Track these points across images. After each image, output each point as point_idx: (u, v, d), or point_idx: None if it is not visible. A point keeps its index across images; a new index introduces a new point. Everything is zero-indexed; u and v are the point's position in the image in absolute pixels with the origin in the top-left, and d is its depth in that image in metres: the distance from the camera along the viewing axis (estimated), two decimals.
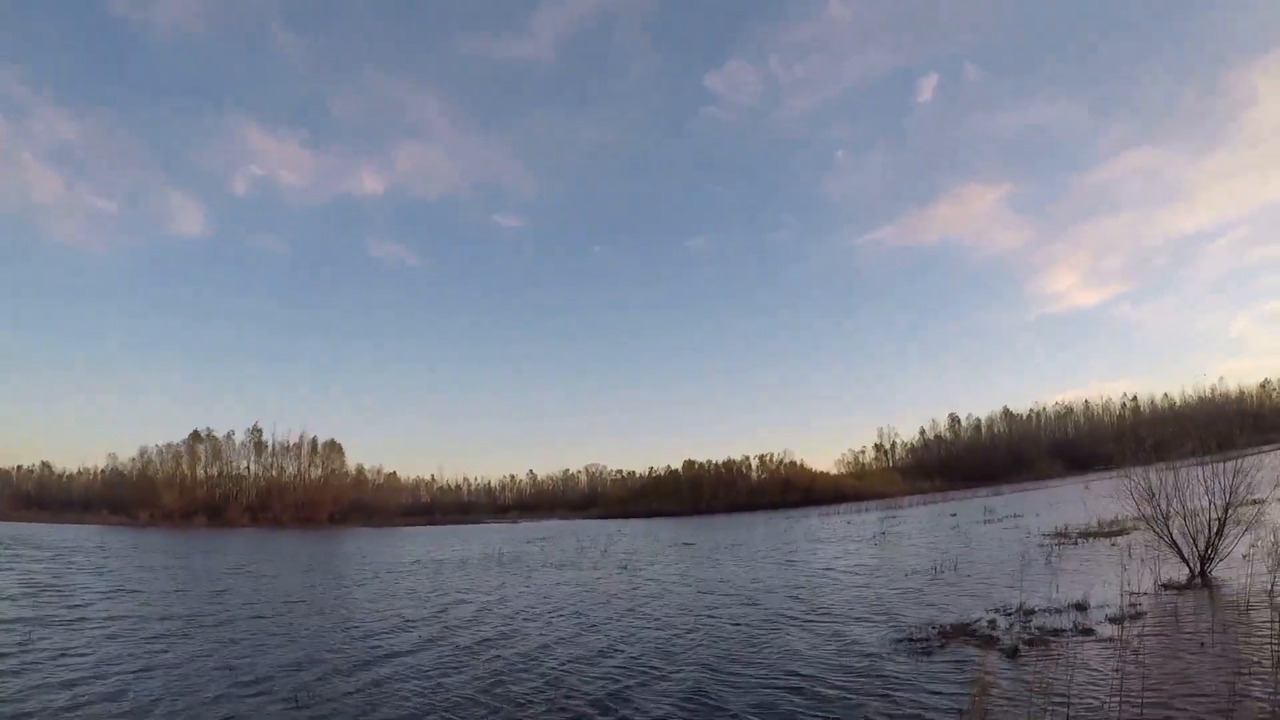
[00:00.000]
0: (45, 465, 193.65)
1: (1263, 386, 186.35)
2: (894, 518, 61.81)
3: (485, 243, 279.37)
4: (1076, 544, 27.35)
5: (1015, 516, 45.33)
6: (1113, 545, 25.68)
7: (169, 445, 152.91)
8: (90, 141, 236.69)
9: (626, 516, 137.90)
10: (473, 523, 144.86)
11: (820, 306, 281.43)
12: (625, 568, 33.92)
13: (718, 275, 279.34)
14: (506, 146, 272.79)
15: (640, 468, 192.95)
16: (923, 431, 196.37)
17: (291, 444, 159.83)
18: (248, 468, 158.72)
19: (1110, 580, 18.48)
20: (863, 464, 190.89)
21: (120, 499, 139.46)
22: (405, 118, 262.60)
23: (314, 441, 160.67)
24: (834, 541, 40.20)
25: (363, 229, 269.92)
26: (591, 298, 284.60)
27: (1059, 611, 15.34)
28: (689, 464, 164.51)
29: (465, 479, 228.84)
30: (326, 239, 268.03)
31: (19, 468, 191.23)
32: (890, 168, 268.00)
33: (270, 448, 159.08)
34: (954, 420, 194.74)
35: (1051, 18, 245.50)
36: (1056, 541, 28.87)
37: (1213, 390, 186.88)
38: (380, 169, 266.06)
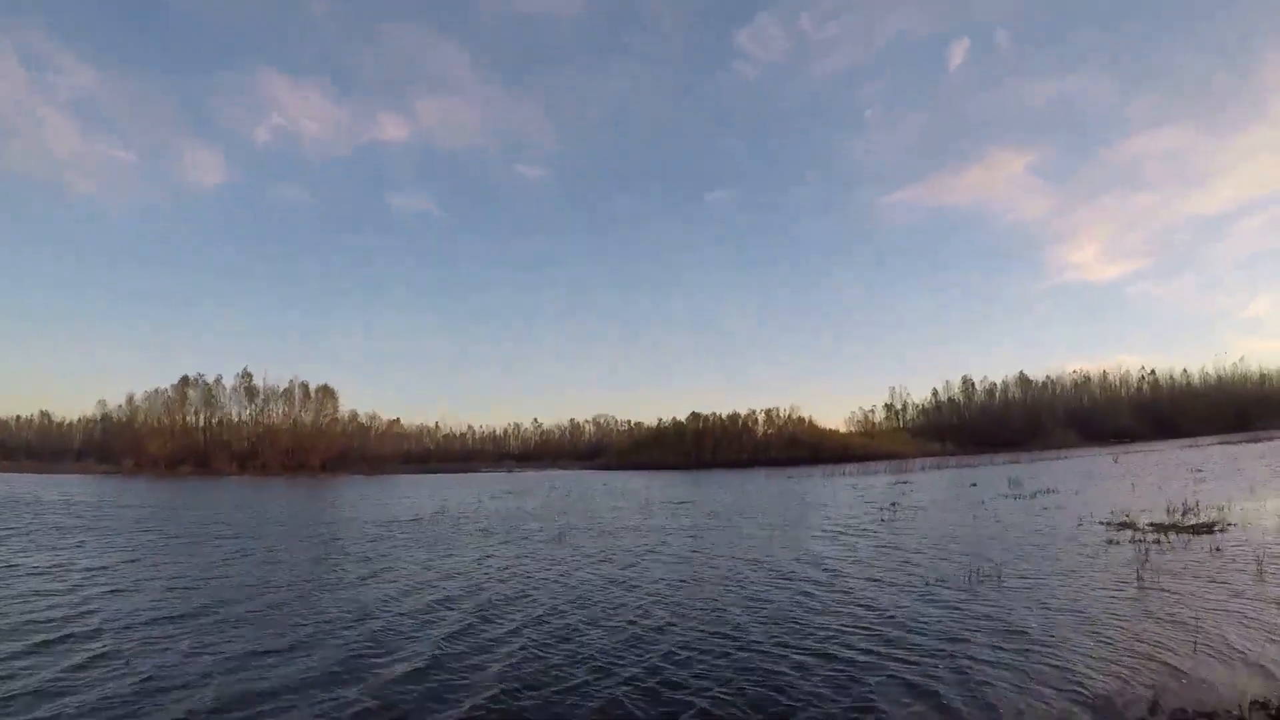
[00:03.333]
0: (44, 414, 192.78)
1: None
2: (906, 483, 54.28)
3: (507, 194, 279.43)
4: (1158, 542, 19.64)
5: (1049, 492, 37.44)
6: (1216, 551, 18.04)
7: (157, 391, 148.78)
8: (110, 94, 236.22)
9: (629, 468, 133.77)
10: (470, 471, 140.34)
11: (839, 264, 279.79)
12: (560, 539, 26.92)
13: (737, 230, 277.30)
14: (530, 98, 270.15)
15: (650, 419, 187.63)
16: (935, 393, 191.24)
17: (282, 389, 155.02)
18: (238, 414, 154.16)
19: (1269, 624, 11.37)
20: (873, 423, 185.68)
21: (109, 447, 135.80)
22: (429, 69, 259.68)
23: (305, 386, 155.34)
24: (835, 515, 32.61)
25: (384, 179, 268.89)
26: (610, 249, 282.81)
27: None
28: (694, 416, 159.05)
29: (469, 427, 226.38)
30: (347, 189, 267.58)
31: (18, 418, 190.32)
32: (918, 130, 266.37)
33: (261, 393, 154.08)
34: (967, 383, 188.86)
35: None
36: (1126, 535, 21.26)
37: (1233, 369, 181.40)
38: (403, 120, 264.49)
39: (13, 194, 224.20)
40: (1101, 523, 24.33)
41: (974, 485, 47.38)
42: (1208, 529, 21.53)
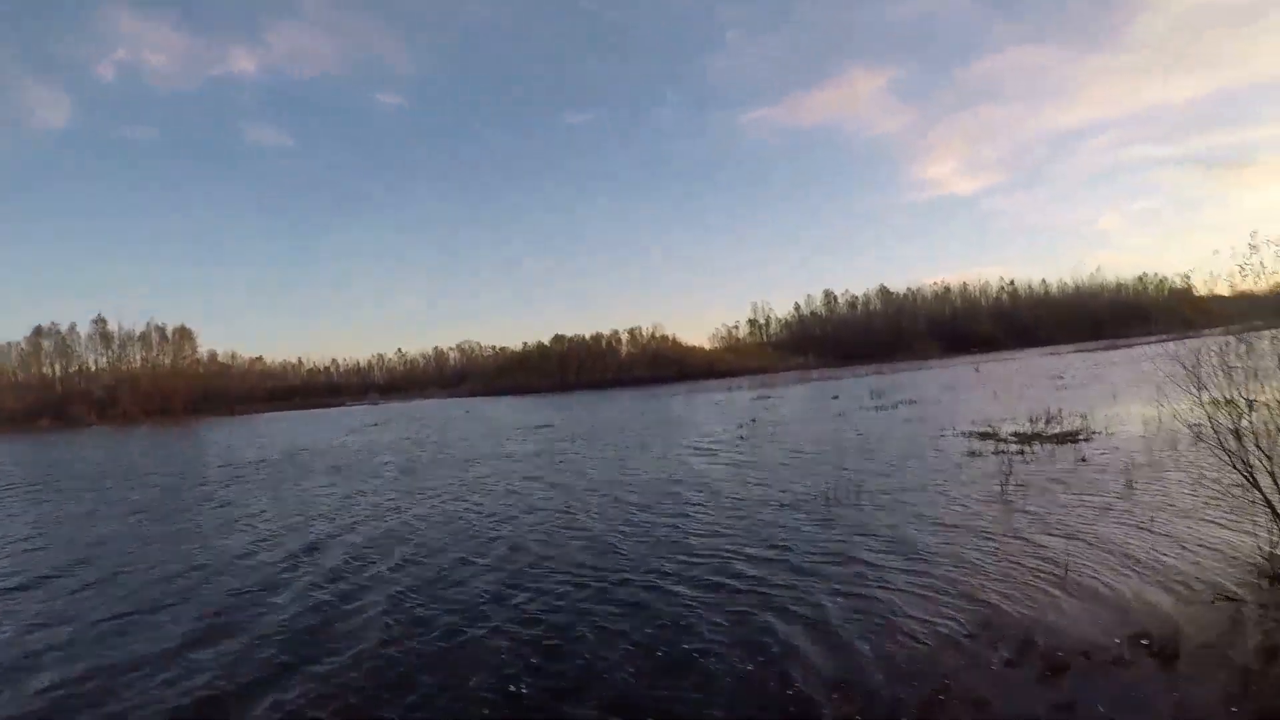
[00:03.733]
0: None
1: (1140, 279, 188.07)
2: (768, 398, 53.35)
3: (364, 123, 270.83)
4: (1021, 453, 18.27)
5: (910, 403, 36.52)
6: (1082, 461, 16.77)
7: (10, 344, 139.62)
8: None
9: (495, 394, 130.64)
10: (336, 406, 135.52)
11: (701, 183, 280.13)
12: (416, 472, 24.76)
13: (599, 151, 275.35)
14: (385, 23, 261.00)
15: (516, 344, 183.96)
16: (797, 307, 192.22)
17: (139, 333, 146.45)
18: (95, 362, 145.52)
19: (1142, 548, 9.89)
20: (737, 339, 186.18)
21: None
22: None
23: (163, 329, 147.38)
24: (695, 433, 30.88)
25: (236, 113, 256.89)
26: (470, 175, 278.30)
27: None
28: (558, 339, 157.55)
29: (334, 361, 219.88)
30: (199, 124, 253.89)
31: None
32: (779, 49, 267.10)
33: (117, 338, 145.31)
34: (829, 297, 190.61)
35: None
36: (989, 446, 19.85)
37: (1090, 280, 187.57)
38: (254, 50, 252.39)
39: None
40: (963, 433, 23.08)
41: (836, 398, 46.39)
42: (1071, 438, 20.36)
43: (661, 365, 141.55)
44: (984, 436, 21.85)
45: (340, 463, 29.44)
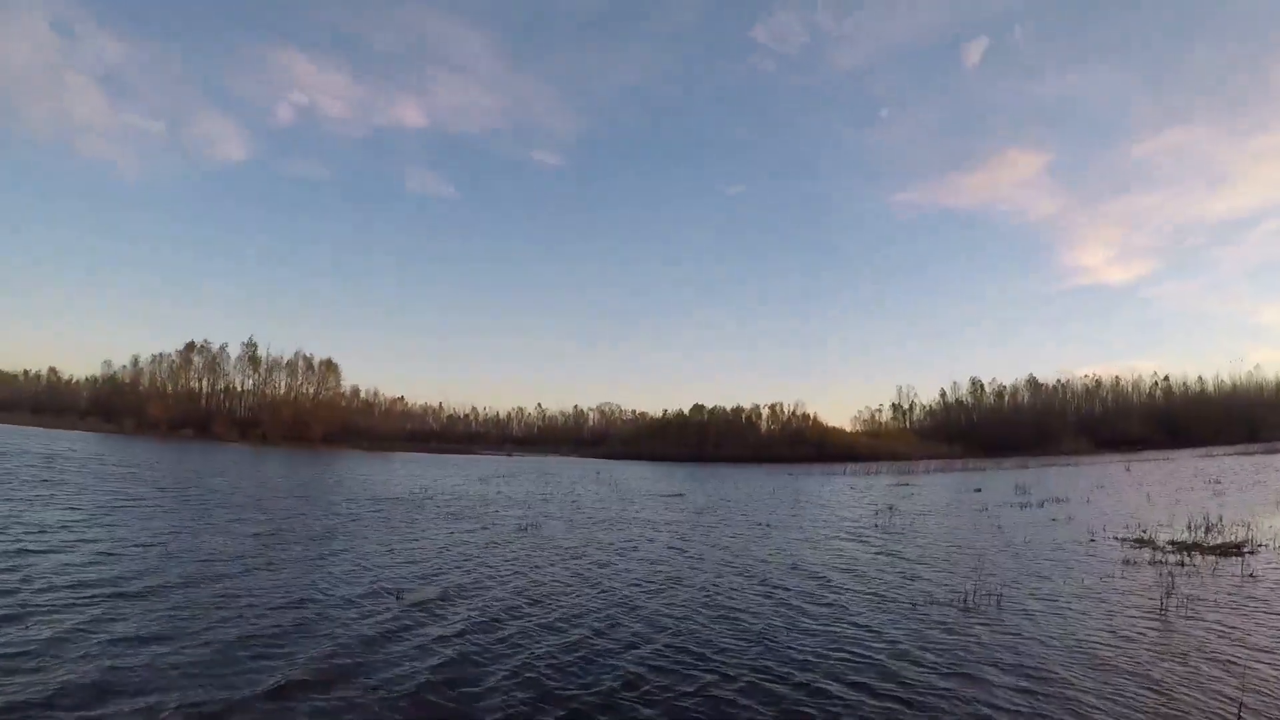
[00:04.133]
0: (53, 371, 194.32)
1: None
2: (906, 486, 51.53)
3: (521, 179, 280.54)
4: (1181, 564, 17.09)
5: (1058, 501, 34.76)
6: (1250, 578, 15.47)
7: (161, 355, 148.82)
8: (136, 65, 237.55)
9: (631, 458, 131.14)
10: (468, 453, 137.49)
11: (850, 260, 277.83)
12: (536, 528, 24.62)
13: (749, 222, 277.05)
14: (546, 84, 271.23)
15: (656, 411, 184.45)
16: (943, 394, 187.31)
17: (286, 361, 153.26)
18: (241, 383, 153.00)
19: None
20: (879, 423, 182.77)
21: (112, 407, 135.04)
22: (447, 52, 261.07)
23: (309, 360, 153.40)
24: (829, 517, 30.33)
25: (401, 160, 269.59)
26: (622, 238, 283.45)
27: None
28: (697, 409, 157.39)
29: (474, 409, 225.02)
30: (365, 168, 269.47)
31: (26, 373, 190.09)
32: (932, 128, 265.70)
33: (265, 363, 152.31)
34: (976, 385, 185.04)
35: None
36: (1145, 554, 18.69)
37: (1247, 378, 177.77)
38: (420, 102, 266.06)
39: (34, 158, 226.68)
40: (1116, 538, 21.77)
41: (978, 491, 44.62)
42: (1235, 549, 19.00)
43: (800, 444, 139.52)
44: (1139, 543, 20.58)
45: (466, 510, 29.87)
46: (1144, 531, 22.86)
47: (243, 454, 77.75)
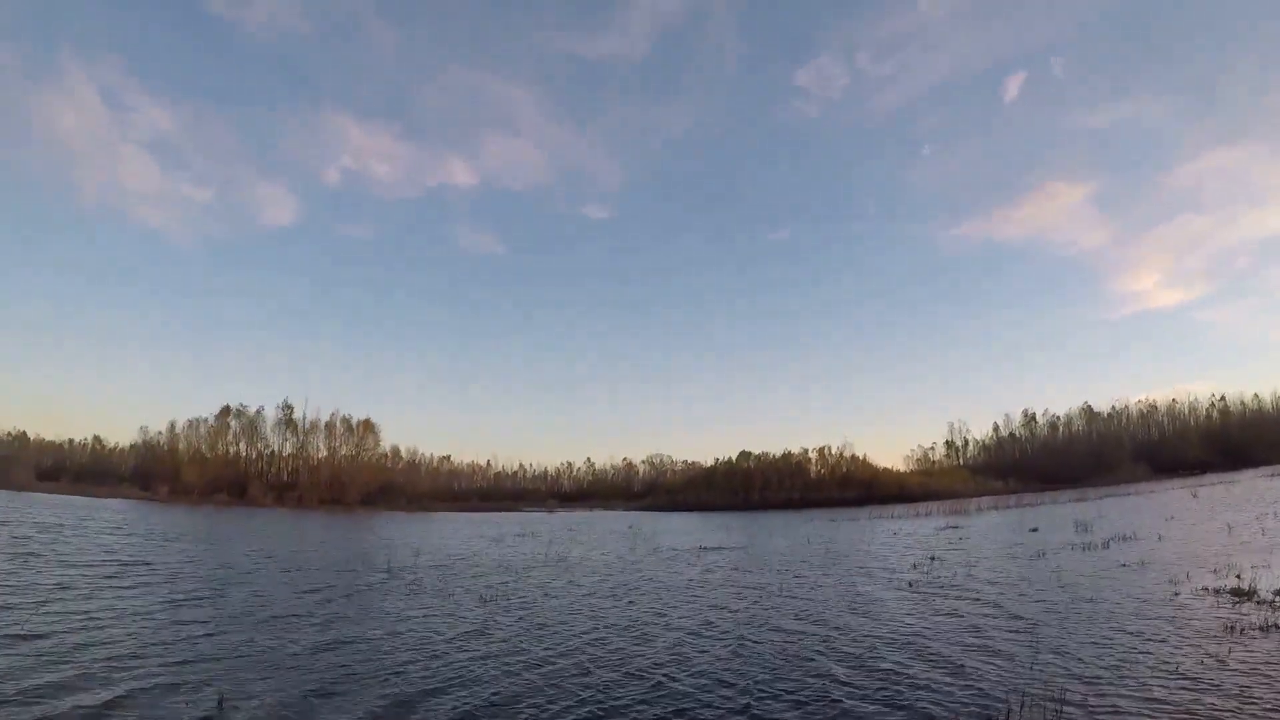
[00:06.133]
0: (97, 439, 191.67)
1: None
2: (955, 528, 46.24)
3: (571, 234, 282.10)
4: None
5: (1125, 540, 29.72)
6: None
7: (197, 420, 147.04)
8: (186, 133, 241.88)
9: (678, 509, 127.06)
10: (512, 510, 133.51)
11: (897, 298, 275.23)
12: (486, 600, 20.03)
13: (797, 266, 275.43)
14: (593, 138, 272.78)
15: (707, 460, 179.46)
16: (996, 428, 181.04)
17: (325, 422, 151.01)
18: (278, 445, 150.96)
19: None
20: (932, 461, 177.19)
21: (149, 473, 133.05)
22: (494, 110, 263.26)
23: (347, 420, 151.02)
24: (858, 573, 25.62)
25: (451, 219, 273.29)
26: (673, 288, 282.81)
27: None
28: (743, 455, 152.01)
29: (521, 465, 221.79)
30: (414, 228, 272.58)
31: (71, 441, 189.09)
32: (975, 163, 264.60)
33: (302, 425, 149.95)
34: (1029, 417, 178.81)
35: (1139, 11, 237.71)
36: (1250, 612, 14.10)
37: None
38: (469, 161, 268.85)
39: (87, 226, 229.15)
40: (1207, 589, 17.03)
41: (1034, 530, 39.32)
42: None
43: (849, 485, 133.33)
44: (1238, 596, 15.86)
45: (439, 579, 24.98)
46: (1239, 578, 18.05)
47: (271, 518, 74.45)
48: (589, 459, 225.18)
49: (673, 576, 26.49)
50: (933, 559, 28.14)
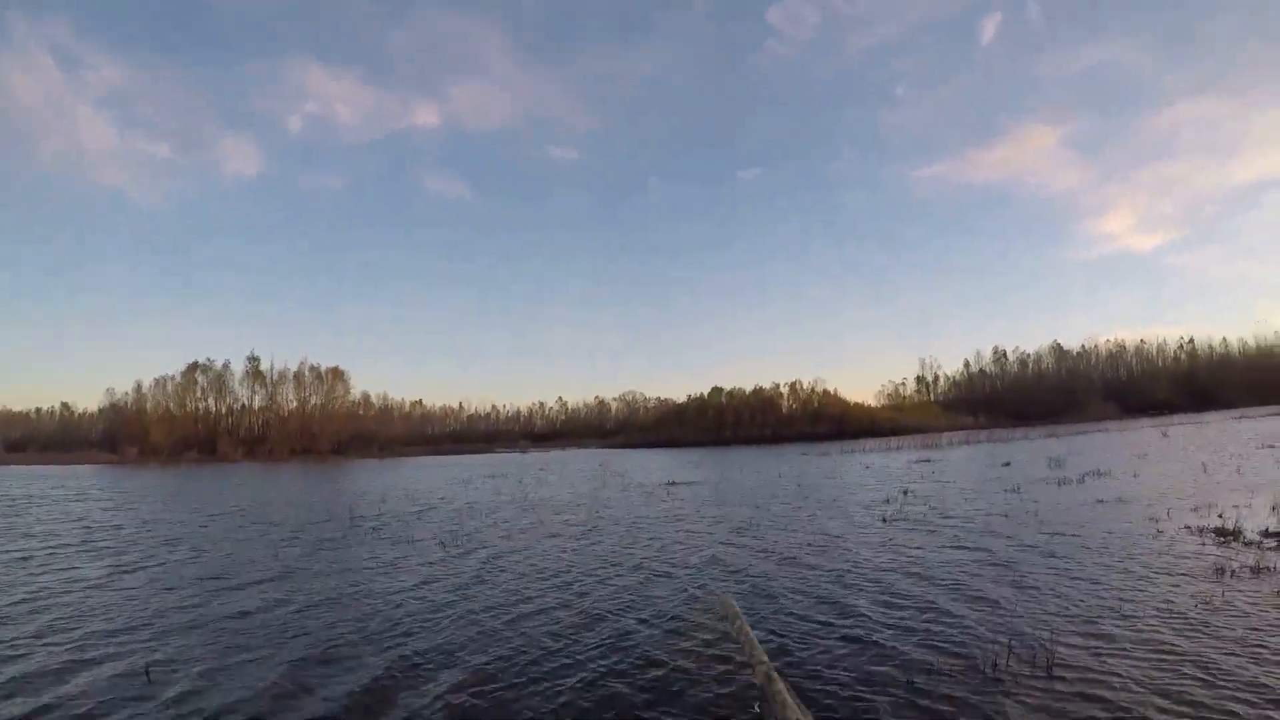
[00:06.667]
0: (65, 406, 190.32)
1: None
2: (927, 462, 46.22)
3: (539, 175, 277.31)
4: None
5: (1100, 476, 29.34)
6: None
7: (164, 378, 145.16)
8: (142, 88, 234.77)
9: (651, 446, 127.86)
10: (485, 452, 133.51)
11: (871, 237, 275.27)
12: (444, 543, 19.45)
13: (769, 207, 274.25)
14: (562, 80, 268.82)
15: (681, 397, 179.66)
16: (967, 364, 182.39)
17: (293, 372, 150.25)
18: (247, 399, 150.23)
19: None
20: (903, 396, 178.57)
21: (117, 436, 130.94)
22: (461, 53, 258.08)
23: (316, 369, 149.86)
24: (830, 506, 25.07)
25: (417, 164, 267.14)
26: (643, 228, 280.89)
27: None
28: (715, 391, 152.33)
29: (494, 407, 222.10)
30: (381, 175, 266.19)
31: (38, 410, 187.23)
32: (950, 105, 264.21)
33: (270, 377, 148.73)
34: (999, 354, 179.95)
35: None
36: (1235, 551, 13.59)
37: (1275, 338, 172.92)
38: (436, 104, 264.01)
39: (46, 190, 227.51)
40: (1188, 528, 16.45)
41: (1007, 465, 39.15)
42: None
43: (821, 421, 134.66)
44: (1223, 536, 15.24)
45: (404, 523, 24.35)
46: (1221, 517, 17.49)
47: (234, 474, 73.01)
48: (560, 398, 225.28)
49: (639, 514, 25.81)
50: (905, 493, 27.60)
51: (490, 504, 30.53)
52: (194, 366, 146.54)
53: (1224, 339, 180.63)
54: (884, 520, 20.80)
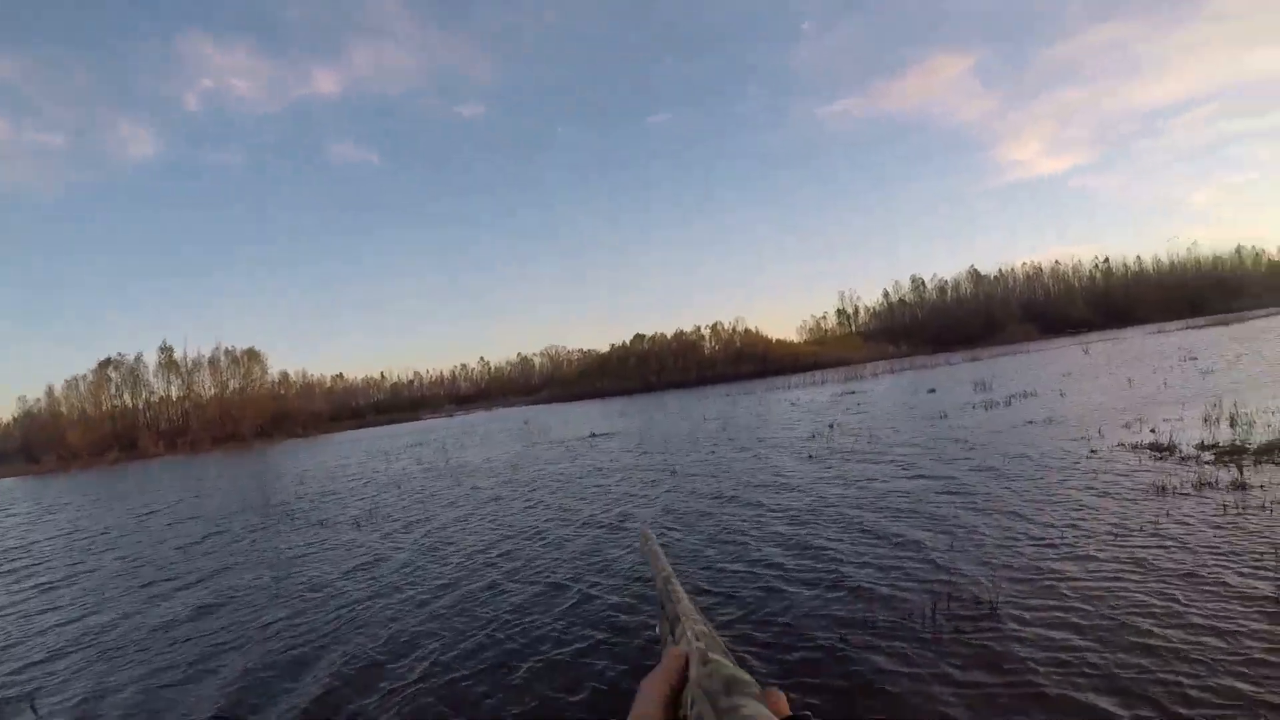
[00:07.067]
0: None
1: (1237, 253, 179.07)
2: (852, 394, 45.91)
3: (447, 135, 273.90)
4: (1243, 487, 10.98)
5: (1027, 397, 28.88)
6: None
7: (75, 378, 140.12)
8: (30, 79, 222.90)
9: (577, 399, 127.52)
10: (412, 420, 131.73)
11: (784, 176, 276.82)
12: (359, 525, 18.09)
13: (680, 150, 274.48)
14: (464, 35, 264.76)
15: (605, 346, 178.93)
16: (886, 295, 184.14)
17: (208, 358, 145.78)
18: (163, 391, 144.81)
19: None
20: (825, 330, 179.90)
21: (34, 444, 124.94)
22: (358, 14, 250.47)
23: (231, 351, 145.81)
24: (755, 447, 24.03)
25: (321, 131, 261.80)
26: (553, 181, 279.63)
27: None
28: (638, 338, 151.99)
29: (416, 373, 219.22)
30: (283, 145, 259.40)
31: None
32: (857, 39, 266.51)
33: (184, 365, 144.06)
34: (917, 282, 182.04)
35: None
36: (1172, 468, 12.81)
37: (1185, 255, 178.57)
38: (336, 70, 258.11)
39: None
40: (1122, 445, 15.74)
41: (932, 391, 38.93)
42: None
43: (744, 361, 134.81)
44: (1159, 451, 14.51)
45: (314, 505, 23.42)
46: (1154, 432, 16.87)
47: (154, 470, 70.68)
48: (482, 358, 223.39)
49: (560, 471, 24.62)
50: (831, 426, 26.85)
51: (411, 476, 29.05)
52: (106, 363, 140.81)
53: (1138, 257, 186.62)
54: (810, 458, 19.88)
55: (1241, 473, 11.81)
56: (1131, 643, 6.20)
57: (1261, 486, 10.93)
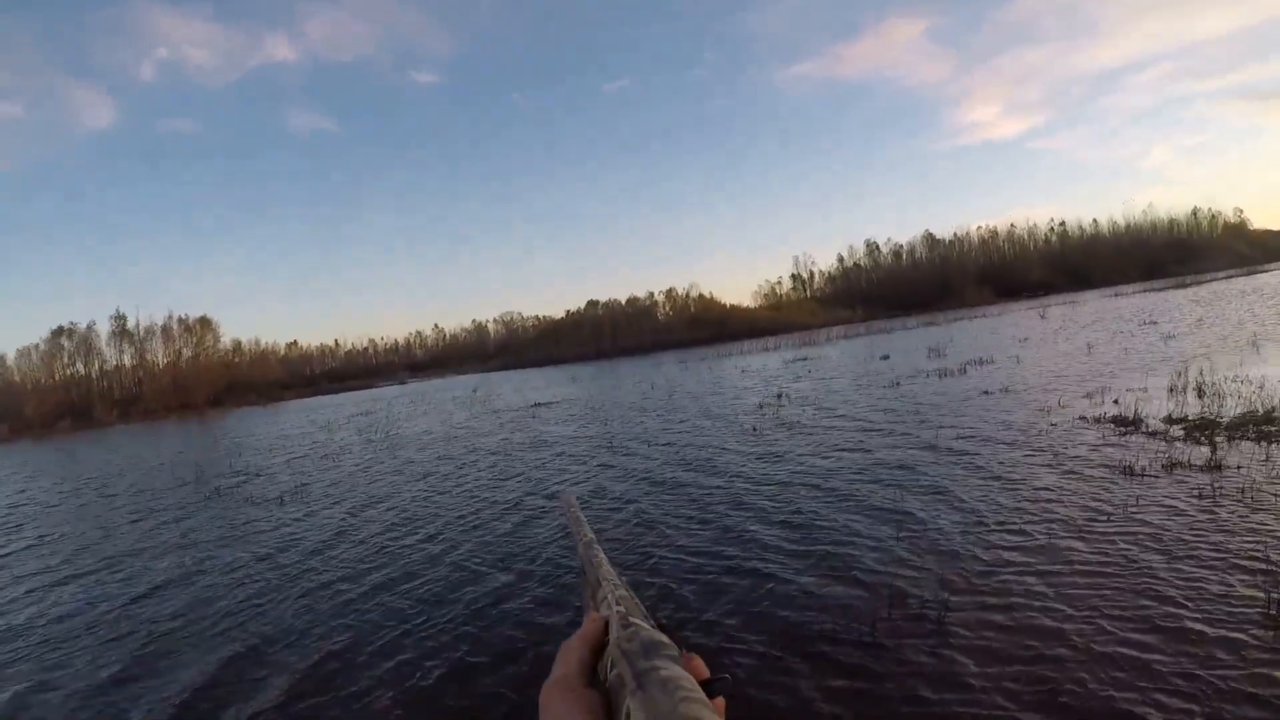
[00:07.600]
0: None
1: (1193, 215, 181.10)
2: (804, 360, 45.07)
3: (403, 102, 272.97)
4: (1217, 467, 9.90)
5: (982, 364, 27.90)
6: None
7: (27, 347, 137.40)
8: None
9: (532, 365, 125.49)
10: (367, 388, 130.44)
11: (740, 141, 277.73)
12: (285, 501, 16.63)
13: (637, 115, 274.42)
14: (419, 3, 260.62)
15: (560, 313, 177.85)
16: (841, 259, 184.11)
17: (160, 326, 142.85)
18: (116, 360, 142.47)
19: None
20: (780, 295, 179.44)
21: None
22: None
23: (184, 320, 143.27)
24: (694, 421, 22.69)
25: (277, 101, 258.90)
26: (508, 148, 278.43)
27: None
28: (591, 304, 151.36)
29: (371, 341, 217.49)
30: (240, 113, 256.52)
31: None
32: (813, 3, 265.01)
33: (137, 334, 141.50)
34: (872, 246, 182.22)
35: None
36: (1139, 442, 11.88)
37: (1142, 217, 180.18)
38: (292, 38, 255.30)
39: None
40: (1085, 418, 14.73)
41: (885, 358, 37.91)
42: (1268, 421, 12.32)
43: (701, 326, 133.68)
44: (1123, 426, 13.53)
45: (244, 486, 21.67)
46: (1118, 404, 15.92)
47: (105, 439, 68.91)
48: (436, 325, 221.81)
49: (494, 444, 23.36)
50: (779, 397, 25.73)
51: (349, 448, 27.67)
52: (59, 331, 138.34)
53: (1094, 219, 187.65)
54: (754, 430, 18.79)
55: (1215, 451, 10.82)
56: (1099, 653, 5.11)
57: (1238, 467, 9.91)
